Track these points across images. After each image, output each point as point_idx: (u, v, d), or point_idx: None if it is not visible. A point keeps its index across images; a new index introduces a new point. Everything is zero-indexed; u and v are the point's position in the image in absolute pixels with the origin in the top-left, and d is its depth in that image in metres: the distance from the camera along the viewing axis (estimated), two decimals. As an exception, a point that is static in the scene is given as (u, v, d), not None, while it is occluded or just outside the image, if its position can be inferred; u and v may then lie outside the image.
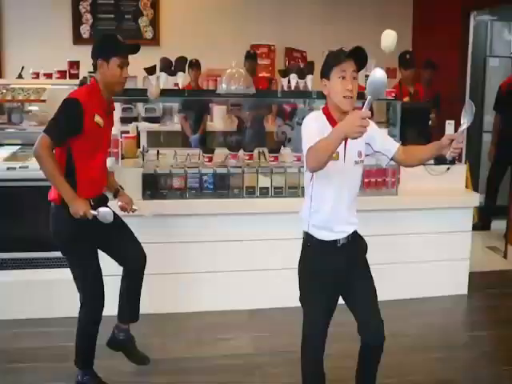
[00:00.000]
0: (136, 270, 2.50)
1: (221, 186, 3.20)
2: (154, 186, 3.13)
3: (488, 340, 3.10)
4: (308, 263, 2.05)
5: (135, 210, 2.57)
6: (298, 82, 3.50)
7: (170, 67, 3.44)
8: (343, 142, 1.86)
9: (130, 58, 2.42)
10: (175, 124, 5.57)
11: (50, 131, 2.18)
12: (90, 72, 3.06)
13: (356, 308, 2.05)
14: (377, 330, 2.01)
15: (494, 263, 4.25)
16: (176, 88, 3.51)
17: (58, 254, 2.53)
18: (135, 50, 2.41)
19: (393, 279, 3.24)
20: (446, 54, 5.16)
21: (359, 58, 1.90)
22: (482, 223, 4.90)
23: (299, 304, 2.08)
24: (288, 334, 2.87)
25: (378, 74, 1.63)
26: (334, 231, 1.99)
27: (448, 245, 3.49)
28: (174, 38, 5.70)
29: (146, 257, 2.52)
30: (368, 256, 2.12)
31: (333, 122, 1.93)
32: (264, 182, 3.23)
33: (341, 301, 2.09)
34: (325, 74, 1.96)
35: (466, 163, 4.20)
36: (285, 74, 3.61)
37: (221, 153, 3.44)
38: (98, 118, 2.27)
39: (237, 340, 2.99)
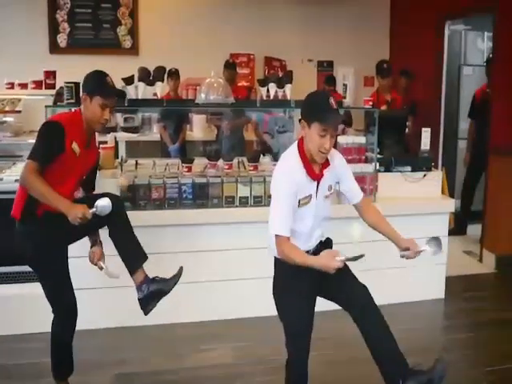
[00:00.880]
0: (115, 212, 2.32)
1: (200, 196, 3.19)
2: (132, 197, 3.11)
3: (467, 343, 3.16)
4: (283, 275, 2.06)
5: (101, 267, 2.48)
6: (276, 92, 3.52)
7: (148, 77, 3.43)
8: (316, 184, 1.99)
9: (109, 67, 2.41)
10: (154, 134, 5.54)
11: (35, 156, 2.16)
12: (67, 82, 3.03)
13: (336, 292, 2.08)
14: (363, 295, 2.09)
15: (470, 267, 4.32)
16: (155, 98, 3.50)
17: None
18: (119, 96, 2.46)
19: (370, 285, 3.25)
20: (422, 62, 5.27)
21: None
22: (457, 228, 4.98)
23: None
24: (267, 343, 2.87)
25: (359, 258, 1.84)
26: (304, 247, 2.05)
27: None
28: (153, 48, 5.66)
29: (118, 196, 2.44)
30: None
31: (306, 162, 1.98)
32: (243, 191, 3.23)
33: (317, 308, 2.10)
34: (306, 118, 1.95)
35: (442, 169, 4.28)
36: (264, 83, 3.62)
37: (200, 162, 3.43)
38: (74, 145, 2.25)
39: (216, 350, 2.98)
